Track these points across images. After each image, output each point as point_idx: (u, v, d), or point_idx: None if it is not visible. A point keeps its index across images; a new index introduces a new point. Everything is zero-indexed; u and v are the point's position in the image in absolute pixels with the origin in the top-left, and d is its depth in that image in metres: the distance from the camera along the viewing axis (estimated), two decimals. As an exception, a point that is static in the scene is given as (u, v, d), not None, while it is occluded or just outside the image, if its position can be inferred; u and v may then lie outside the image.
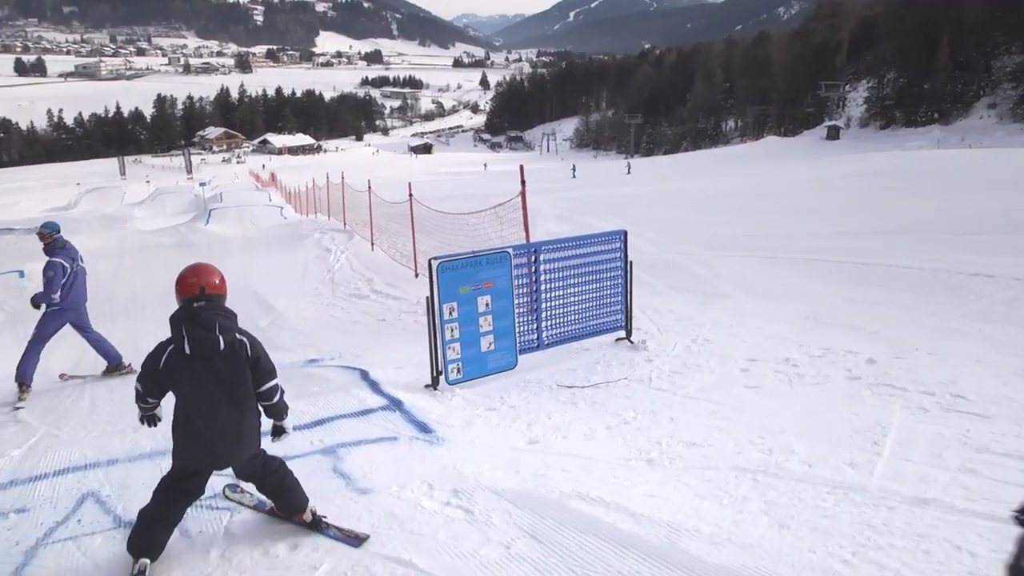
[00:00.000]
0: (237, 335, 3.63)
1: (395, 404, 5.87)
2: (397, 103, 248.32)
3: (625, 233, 7.40)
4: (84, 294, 7.91)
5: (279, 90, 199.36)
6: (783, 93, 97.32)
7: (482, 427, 5.48)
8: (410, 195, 13.67)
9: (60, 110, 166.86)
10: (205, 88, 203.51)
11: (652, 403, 5.78)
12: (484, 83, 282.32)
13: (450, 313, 6.20)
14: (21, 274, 16.83)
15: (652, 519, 3.89)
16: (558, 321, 7.16)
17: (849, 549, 3.57)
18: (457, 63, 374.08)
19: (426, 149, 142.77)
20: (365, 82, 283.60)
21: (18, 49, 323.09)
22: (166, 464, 4.72)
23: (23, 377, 7.45)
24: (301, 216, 28.24)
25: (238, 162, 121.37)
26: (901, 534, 3.67)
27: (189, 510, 3.89)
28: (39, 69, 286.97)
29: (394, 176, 49.09)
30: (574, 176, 47.15)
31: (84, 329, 7.92)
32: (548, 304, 7.05)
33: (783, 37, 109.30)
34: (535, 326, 7.00)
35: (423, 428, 5.36)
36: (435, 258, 6.19)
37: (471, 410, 5.81)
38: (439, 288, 6.09)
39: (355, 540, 3.81)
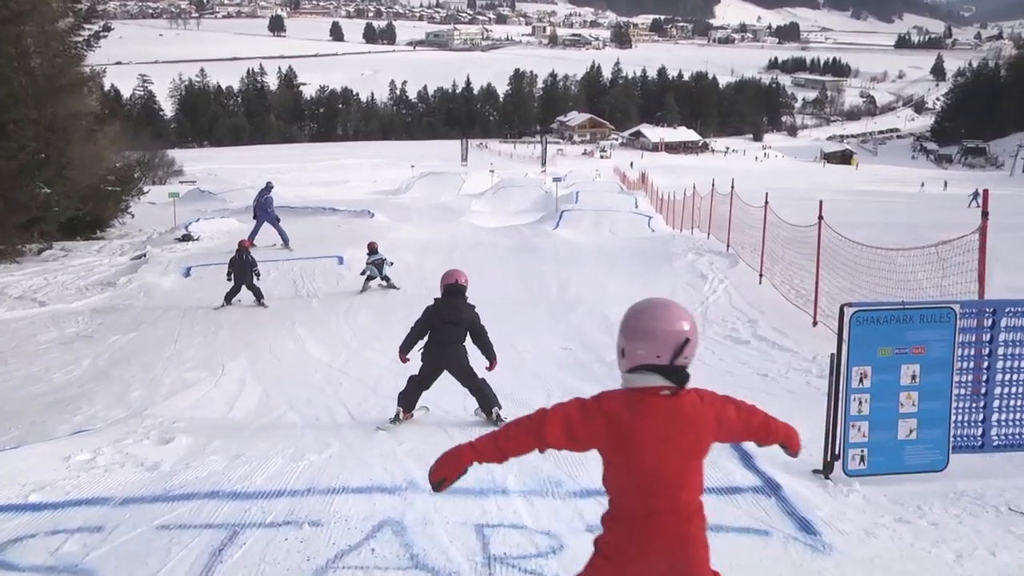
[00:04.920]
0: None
1: (771, 487, 5.83)
2: (813, 94, 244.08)
3: None
4: (263, 214, 23.00)
5: (662, 71, 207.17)
6: None
7: (888, 543, 5.19)
8: (819, 217, 13.40)
9: (404, 82, 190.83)
10: (572, 64, 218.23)
11: None
12: (938, 71, 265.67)
13: (861, 380, 5.98)
14: (340, 260, 19.63)
15: None
16: (1017, 416, 6.55)
17: None
18: (902, 42, 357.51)
19: (844, 158, 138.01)
20: (773, 65, 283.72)
21: (371, 14, 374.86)
22: (488, 501, 5.26)
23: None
24: (673, 230, 28.95)
25: (602, 156, 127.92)
26: None
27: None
28: (388, 36, 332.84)
29: (796, 189, 48.27)
30: None
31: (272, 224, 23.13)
32: (1005, 390, 6.49)
33: None
34: (980, 417, 6.48)
35: (805, 527, 5.24)
36: (849, 304, 6.02)
37: (874, 516, 5.53)
38: (850, 344, 5.92)
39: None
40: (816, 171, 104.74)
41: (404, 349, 8.28)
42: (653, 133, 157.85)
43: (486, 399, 8.14)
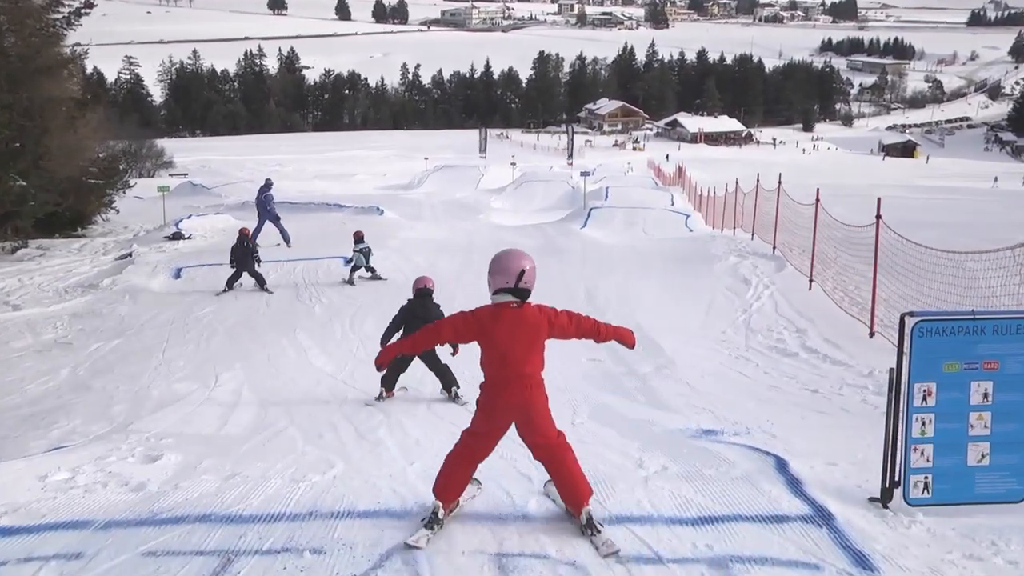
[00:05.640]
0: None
1: (822, 516, 5.77)
2: (871, 79, 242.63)
3: None
4: (264, 212, 24.59)
5: (702, 54, 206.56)
6: None
7: (956, 581, 5.14)
8: (877, 216, 13.32)
9: (417, 66, 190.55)
10: (603, 46, 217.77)
11: None
12: (1017, 51, 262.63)
13: (924, 399, 5.92)
14: (346, 261, 19.87)
15: None
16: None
17: None
18: (976, 19, 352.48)
19: (905, 150, 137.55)
20: (826, 46, 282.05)
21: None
22: (508, 527, 5.22)
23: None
24: (713, 230, 28.89)
25: (635, 148, 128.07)
26: None
27: None
28: (399, 14, 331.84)
29: (851, 185, 48.05)
30: None
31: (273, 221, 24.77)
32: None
33: None
34: (1064, 441, 6.40)
35: (861, 561, 5.18)
36: (911, 313, 5.98)
37: (940, 551, 5.47)
38: (912, 358, 5.85)
39: None
40: (874, 165, 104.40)
41: (384, 340, 10.64)
42: (692, 122, 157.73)
43: (447, 380, 10.96)
